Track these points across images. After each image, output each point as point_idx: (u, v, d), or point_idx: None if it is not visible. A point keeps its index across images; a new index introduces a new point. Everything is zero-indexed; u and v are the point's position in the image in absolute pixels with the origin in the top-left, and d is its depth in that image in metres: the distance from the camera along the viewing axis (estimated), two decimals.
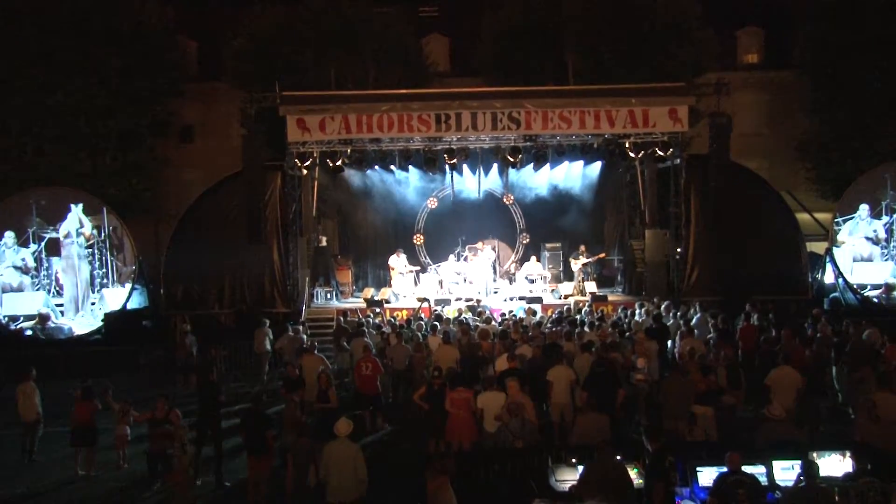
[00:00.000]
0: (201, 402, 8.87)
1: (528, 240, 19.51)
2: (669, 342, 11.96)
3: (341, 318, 13.89)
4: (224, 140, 21.39)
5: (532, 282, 17.53)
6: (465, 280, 17.51)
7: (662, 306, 13.87)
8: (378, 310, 15.09)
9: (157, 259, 17.06)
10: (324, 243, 18.22)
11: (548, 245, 18.74)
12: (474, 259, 17.65)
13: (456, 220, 18.89)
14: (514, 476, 6.79)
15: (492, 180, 19.22)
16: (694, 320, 12.64)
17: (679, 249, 16.54)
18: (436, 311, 14.42)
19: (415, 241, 19.36)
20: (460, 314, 13.98)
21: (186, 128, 22.95)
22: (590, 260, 17.48)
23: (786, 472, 6.13)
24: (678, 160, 16.27)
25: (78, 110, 18.33)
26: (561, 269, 18.56)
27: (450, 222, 18.93)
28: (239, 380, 13.42)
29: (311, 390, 10.06)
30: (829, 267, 16.98)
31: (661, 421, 8.20)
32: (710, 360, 9.85)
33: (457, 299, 16.24)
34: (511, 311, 14.29)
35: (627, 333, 11.54)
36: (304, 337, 12.89)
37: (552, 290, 17.42)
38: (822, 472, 5.94)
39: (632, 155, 16.31)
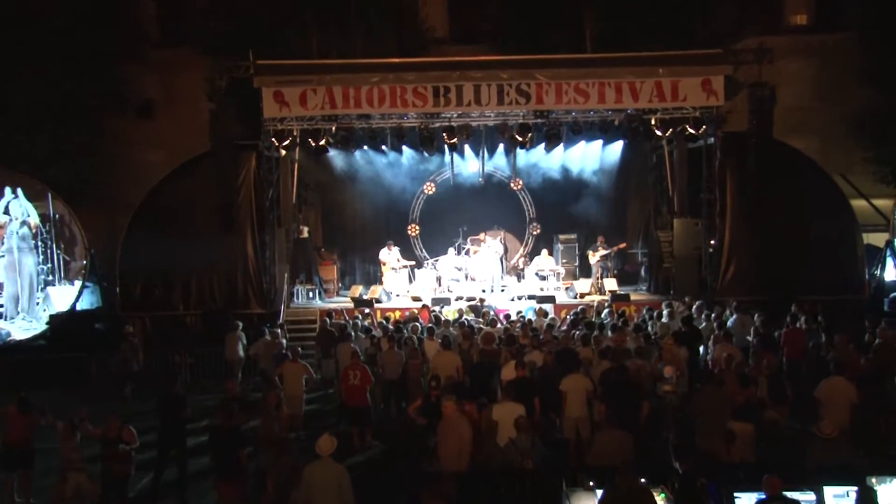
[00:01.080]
0: (163, 417, 8.84)
1: (538, 230, 19.56)
2: (702, 348, 11.94)
3: (326, 321, 13.91)
4: (189, 116, 21.23)
5: (543, 278, 17.55)
6: (466, 277, 17.55)
7: (693, 307, 13.89)
8: (367, 310, 15.12)
9: (112, 252, 16.99)
10: (305, 234, 18.23)
11: (561, 237, 18.78)
12: (477, 253, 17.67)
13: (456, 207, 18.93)
14: (523, 501, 6.76)
15: (497, 163, 19.27)
16: (730, 323, 12.62)
17: (713, 241, 16.52)
18: (434, 312, 14.41)
19: (409, 233, 19.42)
20: (461, 315, 14.01)
21: (145, 101, 22.77)
22: (609, 253, 17.49)
23: (839, 499, 6.06)
24: (712, 139, 16.23)
25: (11, 76, 17.98)
26: (576, 264, 18.60)
27: (449, 211, 18.98)
28: (207, 391, 13.40)
29: (294, 404, 10.13)
30: (889, 261, 16.94)
31: (693, 439, 8.20)
32: (749, 369, 9.81)
33: (457, 298, 16.27)
34: (519, 313, 14.31)
35: (653, 338, 11.52)
36: (284, 342, 12.93)
37: (566, 288, 17.47)
38: (883, 501, 5.90)
39: (658, 133, 16.28)
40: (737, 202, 16.20)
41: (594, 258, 17.49)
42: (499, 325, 12.88)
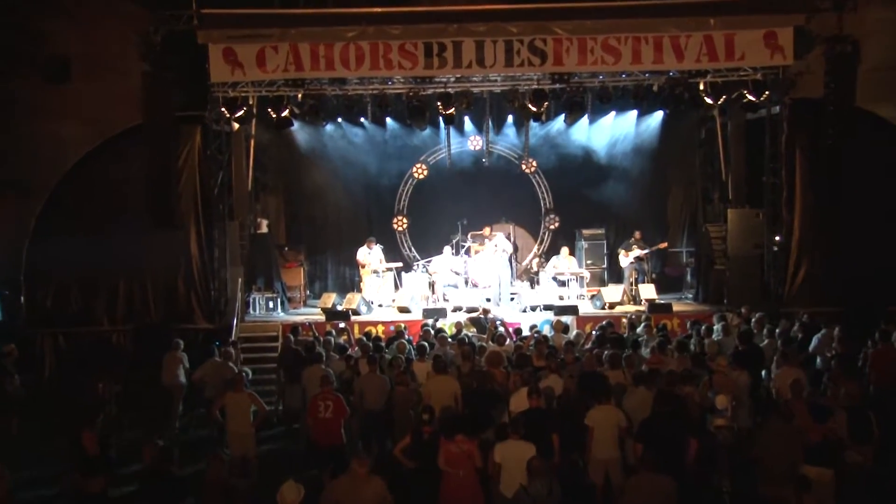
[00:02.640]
0: (80, 460, 8.78)
1: (557, 224, 19.68)
2: (764, 372, 11.93)
3: (290, 338, 13.87)
4: (117, 80, 20.99)
5: (563, 284, 17.61)
6: (467, 282, 17.63)
7: (753, 320, 13.84)
8: (342, 325, 15.12)
9: (17, 252, 16.88)
10: (264, 229, 18.28)
11: (586, 232, 18.90)
12: (480, 252, 17.72)
13: (454, 196, 19.04)
14: None
15: (506, 139, 19.32)
16: (814, 342, 12.54)
17: (778, 237, 16.57)
18: (426, 326, 14.44)
19: (395, 227, 19.52)
20: (460, 331, 14.10)
21: (60, 60, 22.66)
22: (646, 253, 17.50)
23: None
24: (778, 108, 16.26)
25: None
26: (604, 265, 18.76)
27: (445, 199, 19.10)
28: (139, 427, 13.31)
29: (241, 443, 10.14)
30: None
31: (755, 486, 8.21)
32: (826, 398, 9.79)
33: (455, 310, 16.33)
34: (533, 327, 14.34)
35: (702, 359, 11.48)
36: (245, 370, 12.96)
37: (592, 297, 17.53)
38: None
39: (709, 101, 16.29)
40: (809, 187, 16.19)
41: (627, 259, 17.52)
42: (508, 343, 12.86)
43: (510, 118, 18.53)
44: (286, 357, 13.05)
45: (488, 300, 17.01)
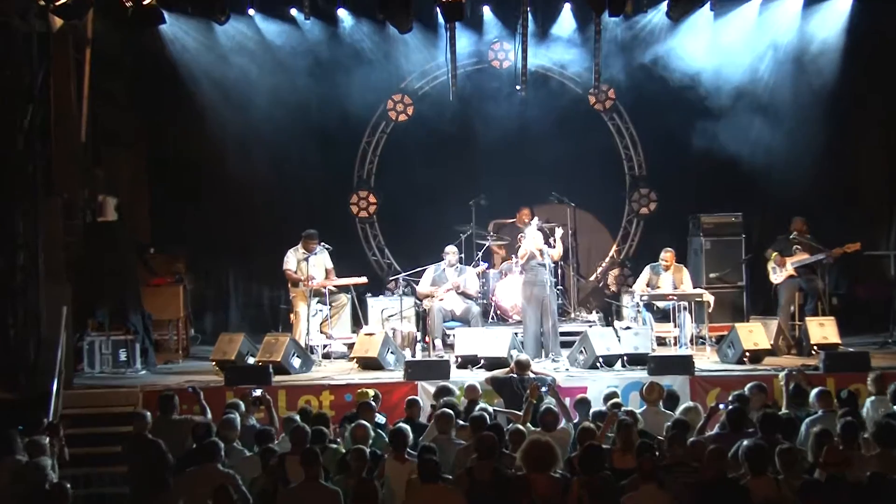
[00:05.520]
0: None
1: (653, 205, 19.69)
2: None
3: (159, 417, 13.42)
4: None
5: (665, 316, 17.47)
6: (487, 312, 17.96)
7: None
8: (259, 391, 14.70)
9: None
10: (111, 215, 18.27)
11: (707, 220, 19.05)
12: (510, 260, 17.73)
13: (461, 154, 19.14)
14: None
15: (558, 50, 19.40)
16: None
17: None
18: (413, 397, 14.27)
19: (353, 211, 19.82)
20: (473, 402, 13.73)
21: None
22: (817, 260, 17.22)
23: None
24: None
25: None
26: (743, 282, 18.89)
27: (446, 160, 19.36)
28: None
29: None
30: None
31: None
32: None
33: (463, 365, 16.14)
34: (611, 396, 13.98)
35: None
36: (51, 472, 12.27)
37: (719, 340, 17.27)
38: None
39: None
40: None
41: (782, 271, 17.27)
42: (563, 426, 12.62)
43: (567, 9, 18.40)
44: (145, 455, 12.62)
45: (522, 346, 16.68)
